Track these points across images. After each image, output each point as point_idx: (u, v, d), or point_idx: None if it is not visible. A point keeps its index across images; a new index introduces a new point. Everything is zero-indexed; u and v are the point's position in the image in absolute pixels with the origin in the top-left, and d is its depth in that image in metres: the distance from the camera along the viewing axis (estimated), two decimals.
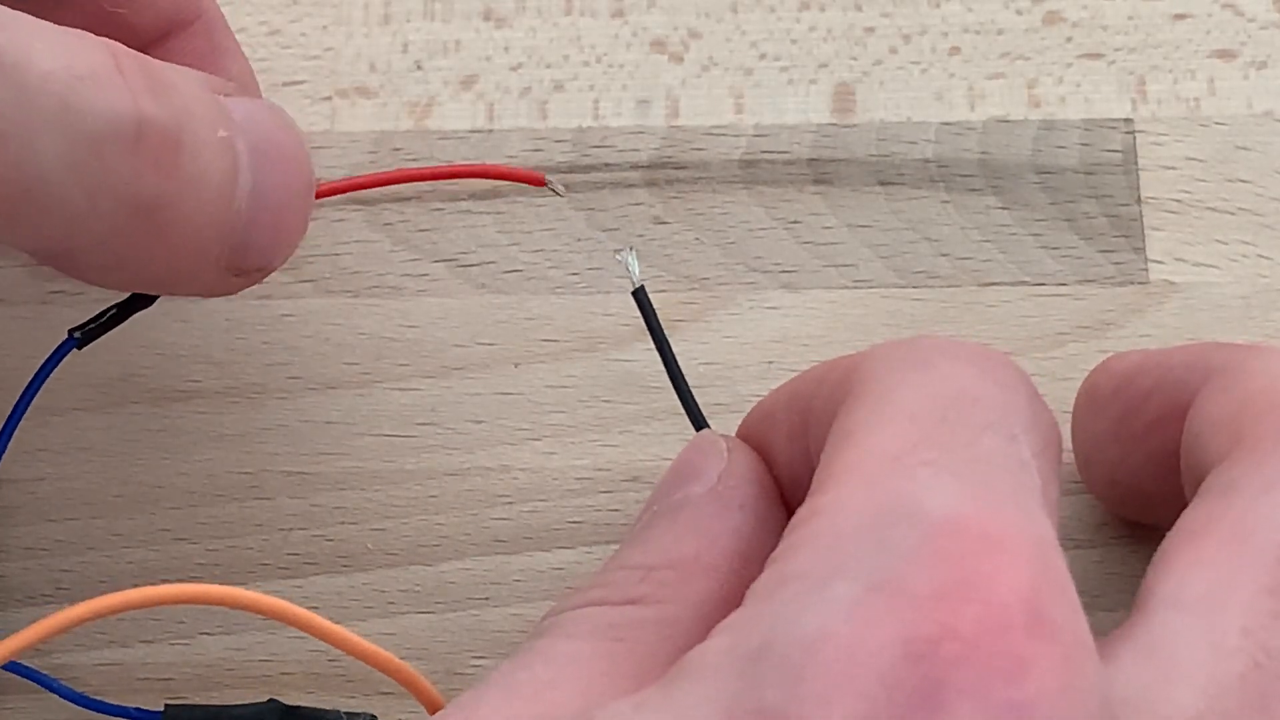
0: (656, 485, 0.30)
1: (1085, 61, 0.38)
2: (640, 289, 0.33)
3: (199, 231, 0.29)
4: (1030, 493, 0.24)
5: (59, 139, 0.26)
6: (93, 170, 0.27)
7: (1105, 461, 0.32)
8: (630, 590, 0.27)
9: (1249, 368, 0.28)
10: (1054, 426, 0.26)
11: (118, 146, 0.27)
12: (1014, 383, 0.26)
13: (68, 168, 0.26)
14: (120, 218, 0.27)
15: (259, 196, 0.29)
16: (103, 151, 0.27)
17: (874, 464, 0.24)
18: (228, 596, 0.25)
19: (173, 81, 0.28)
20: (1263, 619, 0.24)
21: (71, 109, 0.26)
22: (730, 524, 0.28)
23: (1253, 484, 0.25)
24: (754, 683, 0.22)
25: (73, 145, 0.26)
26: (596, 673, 0.25)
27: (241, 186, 0.29)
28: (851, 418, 0.25)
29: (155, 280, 0.30)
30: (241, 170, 0.29)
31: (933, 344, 0.26)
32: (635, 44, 0.38)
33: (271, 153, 0.30)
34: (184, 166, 0.28)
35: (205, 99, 0.29)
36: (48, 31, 0.26)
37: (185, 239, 0.29)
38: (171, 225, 0.28)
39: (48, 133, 0.26)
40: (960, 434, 0.24)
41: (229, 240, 0.29)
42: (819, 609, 0.22)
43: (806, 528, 0.23)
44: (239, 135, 0.29)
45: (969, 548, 0.22)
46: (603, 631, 0.26)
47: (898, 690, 0.21)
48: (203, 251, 0.29)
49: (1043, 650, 0.21)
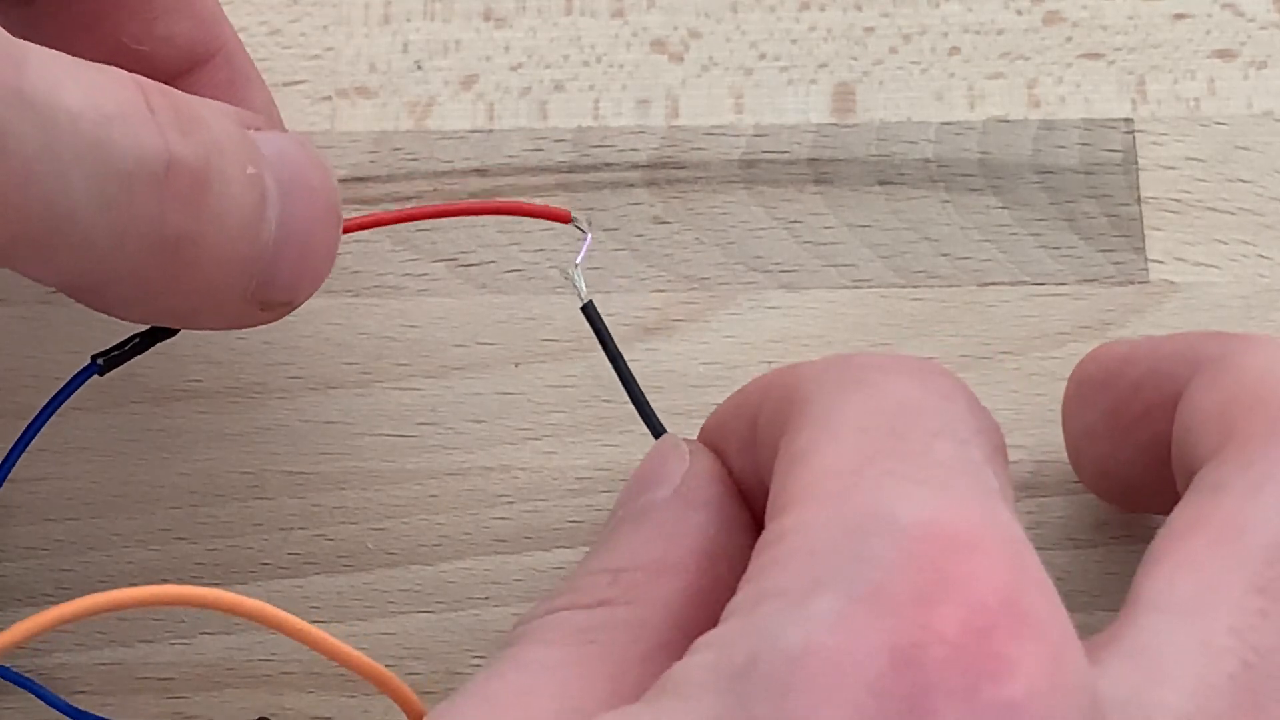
0: (621, 491, 0.30)
1: (1085, 61, 0.38)
2: (589, 304, 0.33)
3: (225, 267, 0.29)
4: (992, 493, 0.24)
5: (88, 177, 0.26)
6: (121, 208, 0.27)
7: (1096, 452, 0.32)
8: (600, 593, 0.27)
9: (1239, 360, 0.27)
10: (997, 431, 0.26)
11: (146, 185, 0.27)
12: (952, 392, 0.26)
13: (96, 206, 0.26)
14: (147, 254, 0.27)
15: (286, 231, 0.29)
16: (131, 190, 0.27)
17: (835, 480, 0.24)
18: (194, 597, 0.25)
19: (202, 117, 0.28)
20: (1251, 619, 0.24)
21: (101, 147, 0.26)
22: (695, 524, 0.28)
23: (1241, 484, 0.25)
24: (741, 699, 0.22)
25: (102, 183, 0.26)
26: (571, 677, 0.25)
27: (269, 222, 0.29)
28: (799, 440, 0.25)
29: (180, 314, 0.30)
30: (269, 205, 0.29)
31: (867, 361, 0.26)
32: (635, 44, 0.38)
33: (299, 187, 0.30)
34: (211, 204, 0.28)
35: (235, 134, 0.29)
36: (77, 69, 0.26)
37: (211, 274, 0.29)
38: (198, 261, 0.28)
39: (77, 171, 0.26)
40: (913, 443, 0.24)
41: (255, 275, 0.29)
42: (803, 623, 0.22)
43: (778, 548, 0.23)
44: (267, 171, 0.29)
45: (944, 551, 0.22)
46: (575, 635, 0.26)
47: (887, 698, 0.21)
48: (229, 286, 0.29)
49: (1028, 648, 0.21)
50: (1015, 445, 0.33)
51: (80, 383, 0.32)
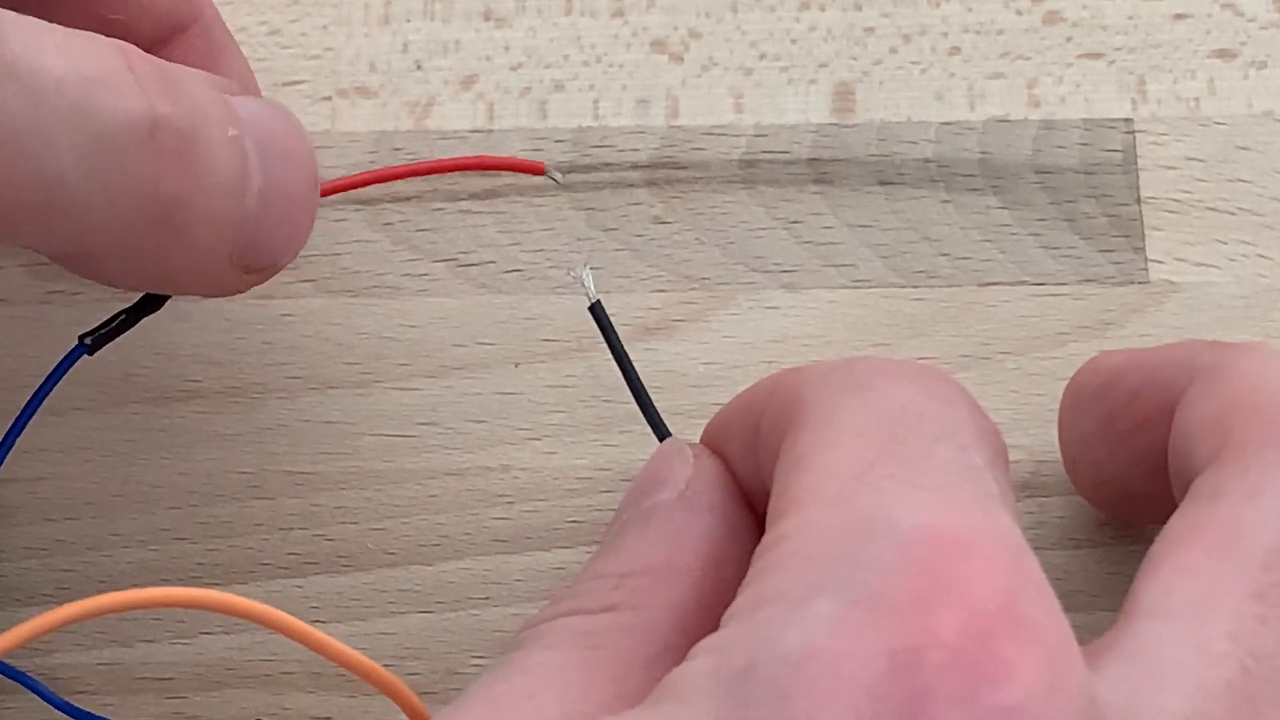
0: (625, 493, 0.30)
1: (1085, 61, 0.38)
2: (596, 303, 0.33)
3: (213, 229, 0.29)
4: (992, 498, 0.24)
5: (76, 142, 0.26)
6: (110, 171, 0.27)
7: (1092, 462, 0.32)
8: (604, 598, 0.27)
9: (1235, 368, 0.27)
10: (998, 436, 0.26)
11: (134, 147, 0.27)
12: (954, 397, 0.26)
13: (86, 170, 0.26)
14: (138, 217, 0.27)
15: (268, 194, 0.30)
16: (119, 152, 0.27)
17: (835, 484, 0.24)
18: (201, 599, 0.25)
19: (184, 81, 0.28)
20: (1249, 624, 0.24)
21: (86, 111, 0.26)
22: (700, 528, 0.28)
23: (1238, 490, 0.25)
24: (741, 703, 0.22)
25: (89, 147, 0.26)
26: (575, 681, 0.25)
27: (252, 184, 0.29)
28: (800, 444, 0.25)
29: (170, 279, 0.30)
30: (252, 168, 0.29)
31: (868, 365, 0.26)
32: (635, 44, 0.38)
33: (278, 150, 0.30)
34: (199, 165, 0.28)
35: (214, 98, 0.29)
36: (59, 35, 0.27)
37: (200, 237, 0.29)
38: (187, 224, 0.28)
39: (64, 136, 0.26)
40: (913, 447, 0.24)
41: (241, 238, 0.29)
42: (802, 626, 0.22)
43: (777, 551, 0.23)
44: (247, 134, 0.29)
45: (943, 555, 0.22)
46: (579, 640, 0.26)
47: (885, 702, 0.21)
48: (216, 249, 0.29)
49: (1027, 652, 0.21)
50: (1015, 445, 0.33)
51: (70, 363, 0.32)
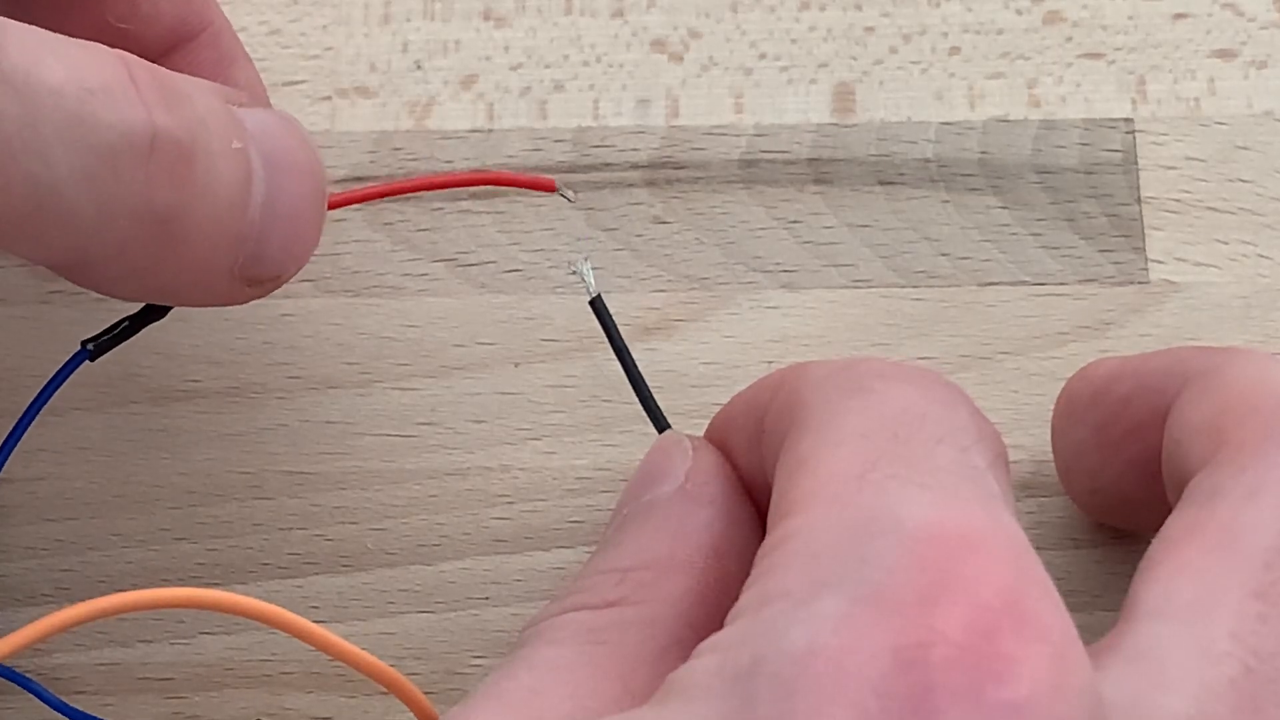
0: (625, 488, 0.30)
1: (1085, 61, 0.38)
2: (597, 298, 0.33)
3: (213, 242, 0.29)
4: (994, 498, 0.24)
5: (71, 152, 0.26)
6: (106, 183, 0.27)
7: (1085, 469, 0.32)
8: (609, 593, 0.27)
9: (1227, 371, 0.28)
10: (998, 438, 0.26)
11: (131, 159, 0.27)
12: (954, 399, 0.26)
13: (81, 181, 0.26)
14: (134, 229, 0.27)
15: (272, 206, 0.29)
16: (116, 164, 0.27)
17: (838, 484, 0.24)
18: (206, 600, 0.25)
19: (187, 92, 0.28)
20: (1250, 623, 0.24)
21: (84, 122, 0.26)
22: (701, 520, 0.28)
23: (1236, 490, 0.25)
24: (746, 700, 0.22)
25: (85, 158, 0.26)
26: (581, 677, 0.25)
27: (255, 197, 0.29)
28: (801, 446, 0.25)
29: (169, 291, 0.30)
30: (255, 180, 0.29)
31: (869, 367, 0.27)
32: (635, 44, 0.38)
33: (284, 163, 0.30)
34: (198, 177, 0.28)
35: (219, 110, 0.29)
36: (58, 44, 0.26)
37: (199, 249, 0.29)
38: (185, 236, 0.28)
39: (59, 146, 0.26)
40: (915, 448, 0.24)
41: (243, 251, 0.29)
42: (807, 624, 0.22)
43: (782, 550, 0.23)
44: (252, 146, 0.29)
45: (948, 553, 0.22)
46: (585, 636, 0.26)
47: (891, 699, 0.21)
48: (216, 262, 0.29)
49: (1032, 649, 0.21)
50: (1015, 445, 0.33)
51: (72, 369, 0.32)
